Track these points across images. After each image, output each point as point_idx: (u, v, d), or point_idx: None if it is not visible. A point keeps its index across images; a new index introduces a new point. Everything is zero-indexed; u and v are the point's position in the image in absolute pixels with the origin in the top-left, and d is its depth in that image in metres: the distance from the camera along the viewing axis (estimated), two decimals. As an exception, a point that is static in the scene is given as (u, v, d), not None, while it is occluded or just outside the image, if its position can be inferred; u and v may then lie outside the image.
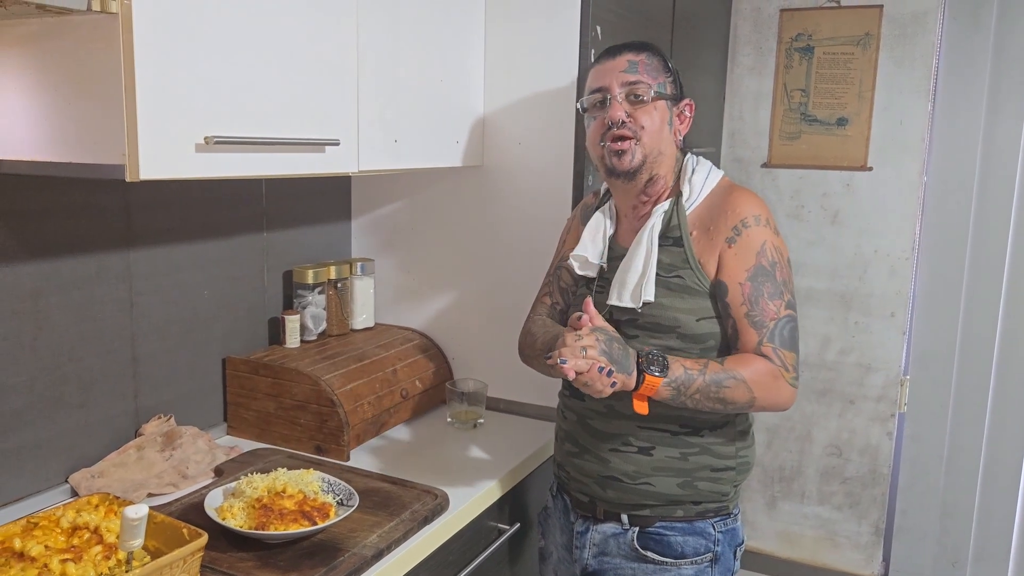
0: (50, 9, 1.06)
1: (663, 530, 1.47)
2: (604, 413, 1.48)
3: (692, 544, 1.47)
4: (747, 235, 1.41)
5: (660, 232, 1.45)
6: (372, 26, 1.59)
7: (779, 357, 1.38)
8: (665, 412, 1.42)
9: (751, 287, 1.39)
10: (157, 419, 1.70)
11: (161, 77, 1.17)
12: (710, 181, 1.48)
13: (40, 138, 1.22)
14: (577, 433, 1.53)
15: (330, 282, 2.05)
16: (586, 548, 1.54)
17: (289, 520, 1.35)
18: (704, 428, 1.45)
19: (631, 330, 1.44)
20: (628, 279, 1.43)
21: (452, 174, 2.06)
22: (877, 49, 2.72)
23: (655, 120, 1.44)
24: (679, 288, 1.42)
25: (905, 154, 2.72)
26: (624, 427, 1.46)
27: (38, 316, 1.47)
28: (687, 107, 1.51)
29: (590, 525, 1.53)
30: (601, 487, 1.49)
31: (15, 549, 1.14)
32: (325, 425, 1.75)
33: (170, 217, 1.72)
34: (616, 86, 1.44)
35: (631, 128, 1.43)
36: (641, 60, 1.45)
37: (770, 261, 1.41)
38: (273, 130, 1.39)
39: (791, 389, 1.40)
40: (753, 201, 1.44)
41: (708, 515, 1.48)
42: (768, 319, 1.39)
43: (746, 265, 1.40)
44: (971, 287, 2.77)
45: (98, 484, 1.53)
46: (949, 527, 2.89)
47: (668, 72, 1.48)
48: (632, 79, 1.43)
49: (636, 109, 1.43)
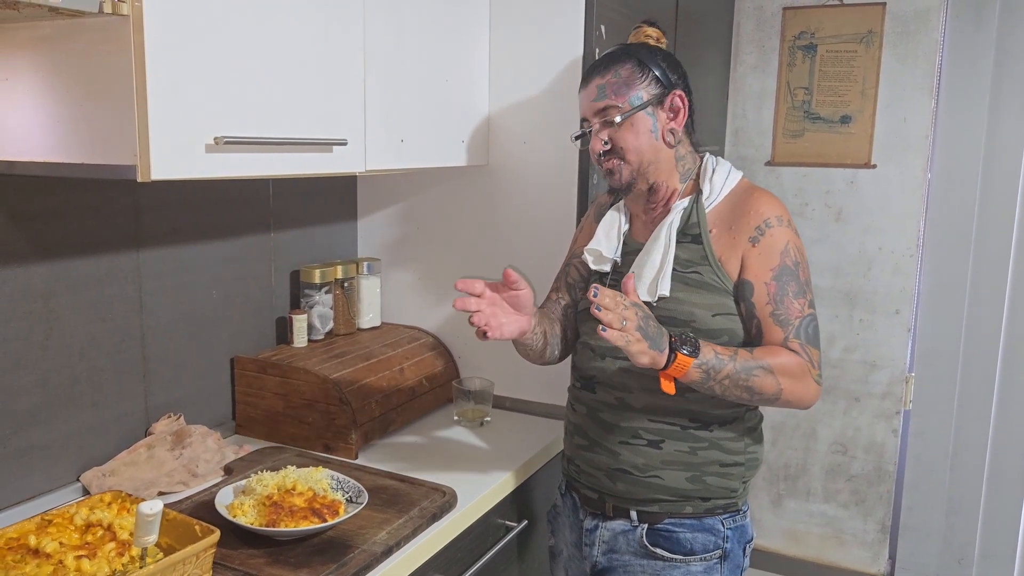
0: (62, 12, 1.07)
1: (672, 527, 1.48)
2: (615, 406, 1.49)
3: (701, 541, 1.48)
4: (771, 235, 1.42)
5: (679, 228, 1.46)
6: (379, 27, 1.60)
7: (806, 353, 1.39)
8: (676, 406, 1.43)
9: (776, 286, 1.40)
10: (167, 418, 1.72)
11: (172, 78, 1.18)
12: (730, 181, 1.49)
13: (52, 139, 1.23)
14: (587, 426, 1.54)
15: (337, 281, 2.06)
16: (596, 546, 1.54)
17: (299, 517, 1.36)
18: (714, 423, 1.46)
19: None
20: (644, 273, 1.44)
21: (458, 173, 2.07)
22: (880, 47, 2.72)
23: (633, 137, 1.45)
24: (696, 284, 1.42)
25: (909, 151, 2.73)
26: (634, 420, 1.47)
27: (49, 316, 1.49)
28: (677, 98, 1.47)
29: (599, 523, 1.54)
30: (611, 480, 1.50)
31: (30, 546, 1.15)
32: (333, 423, 1.76)
33: (179, 218, 1.73)
34: (591, 115, 1.47)
35: (614, 152, 1.46)
36: (608, 81, 1.45)
37: (793, 261, 1.42)
38: (282, 130, 1.40)
39: (816, 386, 1.40)
40: (774, 202, 1.45)
41: (717, 511, 1.49)
42: (793, 317, 1.39)
43: (771, 264, 1.41)
44: (975, 283, 2.77)
45: (109, 483, 1.54)
46: (955, 524, 2.90)
47: (643, 76, 1.45)
48: (601, 106, 1.45)
49: (614, 132, 1.45)
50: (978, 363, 2.80)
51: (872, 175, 2.79)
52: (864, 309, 2.86)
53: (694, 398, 1.43)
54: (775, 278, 1.40)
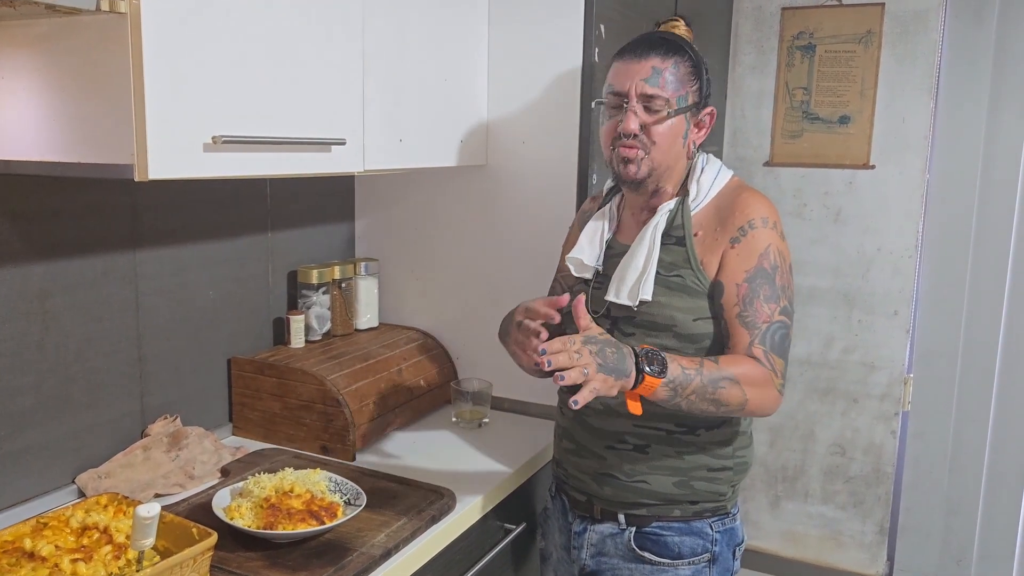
0: (59, 9, 1.07)
1: (660, 530, 1.47)
2: (601, 411, 1.48)
3: (689, 544, 1.47)
4: (752, 236, 1.39)
5: (663, 231, 1.43)
6: (377, 26, 1.60)
7: (769, 361, 1.35)
8: (662, 411, 1.41)
9: (747, 288, 1.37)
10: (163, 419, 1.70)
11: (170, 77, 1.17)
12: (719, 181, 1.46)
13: (49, 138, 1.22)
14: (574, 430, 1.53)
15: (334, 282, 2.05)
16: (584, 548, 1.54)
17: (297, 520, 1.35)
18: (701, 427, 1.44)
19: (628, 327, 1.44)
20: (627, 276, 1.42)
21: (456, 173, 2.06)
22: (879, 47, 2.71)
23: (669, 135, 1.39)
24: (678, 287, 1.40)
25: (907, 152, 2.72)
26: (621, 425, 1.46)
27: (45, 317, 1.47)
28: (708, 116, 1.45)
29: (588, 525, 1.53)
30: (598, 484, 1.49)
31: (25, 549, 1.14)
32: (331, 425, 1.75)
33: (176, 218, 1.72)
34: (634, 94, 1.38)
35: (642, 140, 1.39)
36: (667, 69, 1.38)
37: (772, 264, 1.38)
38: (280, 130, 1.39)
39: (778, 395, 1.36)
40: (762, 203, 1.41)
41: (705, 515, 1.48)
42: (761, 321, 1.36)
43: (746, 266, 1.38)
44: (974, 284, 2.77)
45: (105, 485, 1.53)
46: (954, 525, 2.89)
47: (695, 79, 1.41)
48: (651, 92, 1.37)
49: (651, 120, 1.38)
50: (977, 364, 2.80)
51: (871, 176, 2.78)
52: (863, 310, 2.85)
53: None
54: (748, 279, 1.37)
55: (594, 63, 1.87)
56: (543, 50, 1.91)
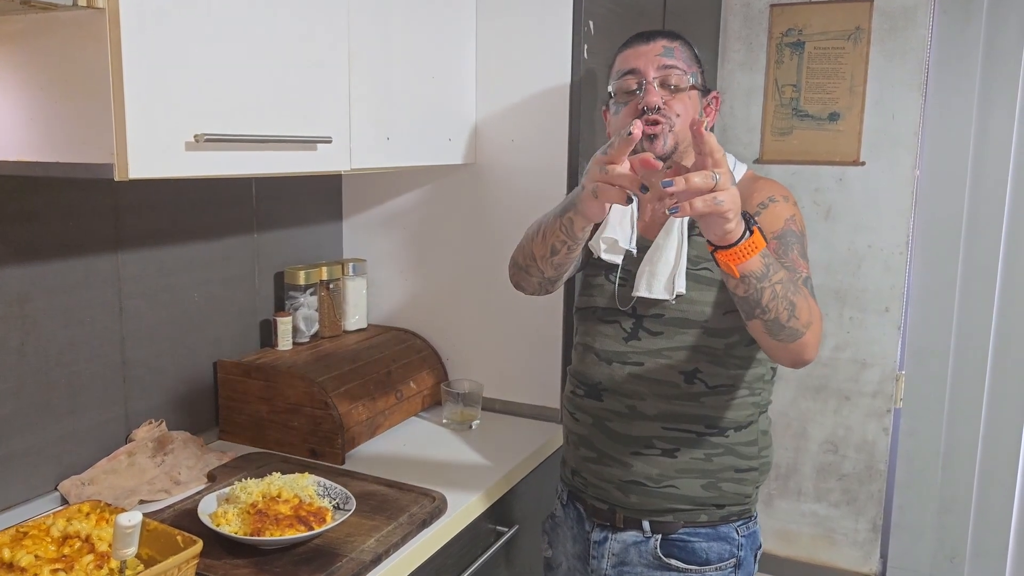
0: (35, 5, 1.04)
1: (687, 536, 1.43)
2: (625, 414, 1.43)
3: (717, 550, 1.44)
4: (774, 208, 1.38)
5: (689, 222, 1.40)
6: (363, 22, 1.57)
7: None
8: (691, 411, 1.39)
9: (779, 244, 1.33)
10: (148, 424, 1.68)
11: (150, 74, 1.15)
12: (737, 172, 1.45)
13: (26, 138, 1.19)
14: (593, 437, 1.47)
15: (322, 283, 2.03)
16: (604, 558, 1.48)
17: (285, 525, 1.32)
18: (729, 428, 1.42)
19: (655, 325, 1.40)
20: (659, 270, 1.37)
21: (445, 172, 2.04)
22: (868, 43, 2.71)
23: (689, 109, 1.37)
24: (707, 281, 1.38)
25: (898, 148, 2.72)
26: (647, 428, 1.41)
27: (25, 321, 1.44)
28: (714, 99, 1.45)
29: (608, 534, 1.48)
30: (623, 492, 1.44)
31: (4, 560, 1.11)
32: (319, 428, 1.72)
33: (159, 219, 1.69)
34: (651, 70, 1.36)
35: (666, 114, 1.35)
36: (676, 47, 1.39)
37: (799, 228, 1.38)
38: (264, 128, 1.36)
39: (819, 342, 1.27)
40: (779, 185, 1.44)
41: (732, 519, 1.45)
42: (800, 269, 1.32)
43: (773, 228, 1.35)
44: (966, 281, 2.76)
45: (89, 491, 1.50)
46: (947, 523, 2.89)
47: (699, 64, 1.43)
48: (669, 63, 1.36)
49: (671, 96, 1.37)
50: (969, 360, 2.79)
51: (861, 172, 2.78)
52: (854, 307, 2.85)
53: (709, 403, 1.40)
54: (778, 237, 1.34)
55: (584, 59, 1.85)
56: (532, 46, 1.89)
